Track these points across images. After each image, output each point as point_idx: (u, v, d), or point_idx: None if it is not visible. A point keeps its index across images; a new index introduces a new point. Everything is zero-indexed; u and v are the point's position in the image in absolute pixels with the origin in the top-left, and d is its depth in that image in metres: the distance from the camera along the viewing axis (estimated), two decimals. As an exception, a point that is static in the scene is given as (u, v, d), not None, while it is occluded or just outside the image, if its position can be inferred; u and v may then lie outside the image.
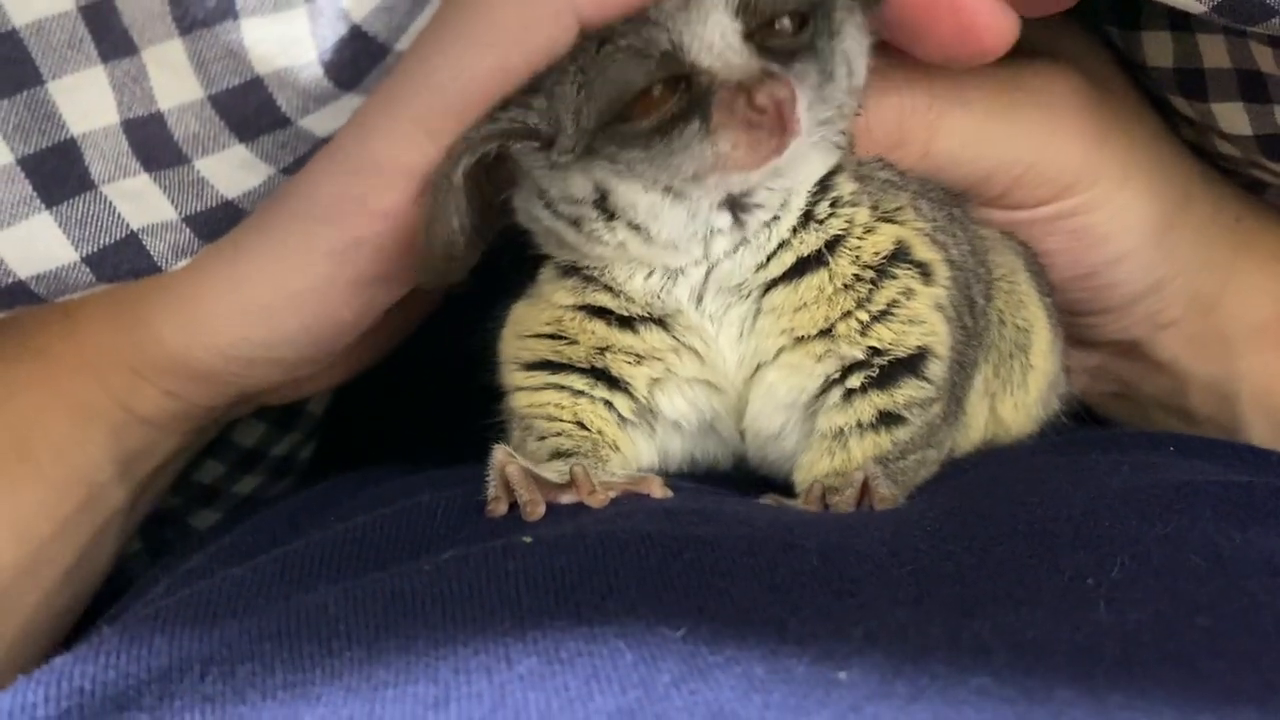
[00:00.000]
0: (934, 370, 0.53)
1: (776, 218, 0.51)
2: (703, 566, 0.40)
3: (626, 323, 0.53)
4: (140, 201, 0.44)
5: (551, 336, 0.54)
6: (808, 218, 0.52)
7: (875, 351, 0.52)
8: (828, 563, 0.41)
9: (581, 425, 0.54)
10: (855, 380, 0.52)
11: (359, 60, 0.39)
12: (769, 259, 0.52)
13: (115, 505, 0.57)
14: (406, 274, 0.51)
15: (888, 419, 0.52)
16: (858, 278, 0.52)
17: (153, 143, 0.42)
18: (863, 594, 0.39)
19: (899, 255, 0.52)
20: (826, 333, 0.52)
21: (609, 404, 0.54)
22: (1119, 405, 0.69)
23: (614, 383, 0.54)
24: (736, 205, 0.51)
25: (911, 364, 0.52)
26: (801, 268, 0.52)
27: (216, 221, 0.45)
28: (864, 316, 0.52)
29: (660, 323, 0.53)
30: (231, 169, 0.43)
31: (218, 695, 0.36)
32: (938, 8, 0.49)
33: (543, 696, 0.33)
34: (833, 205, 0.52)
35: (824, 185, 0.52)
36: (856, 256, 0.52)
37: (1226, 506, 0.45)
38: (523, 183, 0.51)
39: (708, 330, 0.53)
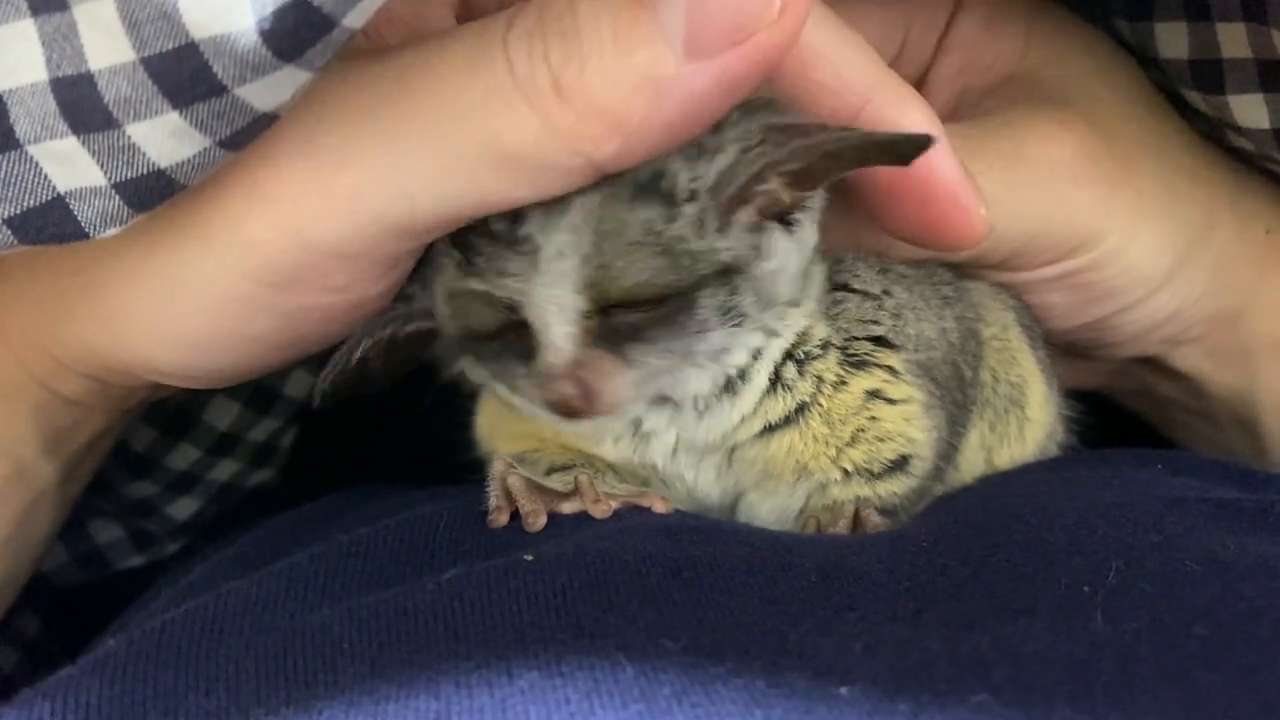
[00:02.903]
0: (917, 467, 0.52)
1: (733, 387, 0.49)
2: (703, 584, 0.40)
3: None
4: (68, 164, 0.41)
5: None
6: (774, 381, 0.50)
7: (848, 473, 0.51)
8: (826, 579, 0.41)
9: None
10: (836, 490, 0.52)
11: (301, 30, 0.37)
12: (734, 429, 0.50)
13: (45, 481, 0.56)
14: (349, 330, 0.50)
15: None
16: (827, 433, 0.51)
17: (82, 104, 0.40)
18: (862, 609, 0.39)
19: (870, 399, 0.51)
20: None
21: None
22: (1140, 401, 0.68)
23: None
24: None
25: (894, 467, 0.51)
26: (770, 428, 0.50)
27: (148, 191, 0.42)
28: (830, 453, 0.51)
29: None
30: (164, 137, 0.40)
31: (222, 711, 0.36)
32: (907, 195, 0.47)
33: (544, 710, 0.33)
34: (800, 362, 0.50)
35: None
36: (825, 417, 0.50)
37: (1218, 518, 0.45)
38: None
39: (686, 477, 0.52)
